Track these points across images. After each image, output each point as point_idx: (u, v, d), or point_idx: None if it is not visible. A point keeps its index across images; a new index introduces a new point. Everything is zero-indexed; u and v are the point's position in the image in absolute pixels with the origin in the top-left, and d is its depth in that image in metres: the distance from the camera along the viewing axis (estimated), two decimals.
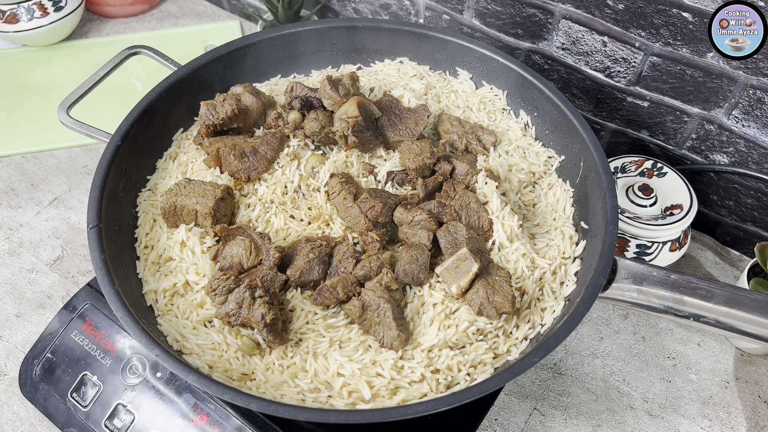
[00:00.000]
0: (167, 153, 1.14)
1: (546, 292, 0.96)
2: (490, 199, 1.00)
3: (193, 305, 0.94)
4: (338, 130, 1.04)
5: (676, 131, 1.25)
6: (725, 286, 0.88)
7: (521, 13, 1.28)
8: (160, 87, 1.12)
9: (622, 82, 1.25)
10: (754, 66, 1.06)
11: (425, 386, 0.85)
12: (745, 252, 1.33)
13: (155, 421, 0.98)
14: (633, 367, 1.15)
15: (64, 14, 1.64)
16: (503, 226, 0.98)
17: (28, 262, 1.29)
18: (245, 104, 1.10)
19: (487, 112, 1.20)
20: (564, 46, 1.28)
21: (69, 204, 1.39)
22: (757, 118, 1.12)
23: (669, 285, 0.88)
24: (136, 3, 1.80)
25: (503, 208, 0.99)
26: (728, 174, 1.23)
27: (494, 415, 1.08)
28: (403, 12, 1.50)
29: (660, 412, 1.09)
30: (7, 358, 1.15)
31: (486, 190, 1.01)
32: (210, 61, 1.18)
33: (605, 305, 1.23)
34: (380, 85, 1.21)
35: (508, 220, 0.98)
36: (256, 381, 0.87)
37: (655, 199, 1.20)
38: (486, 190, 1.01)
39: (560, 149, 1.13)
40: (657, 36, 1.14)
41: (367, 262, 0.93)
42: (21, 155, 1.48)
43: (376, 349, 0.88)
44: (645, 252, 1.20)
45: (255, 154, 1.05)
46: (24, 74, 1.65)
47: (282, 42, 1.24)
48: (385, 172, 1.05)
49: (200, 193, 0.98)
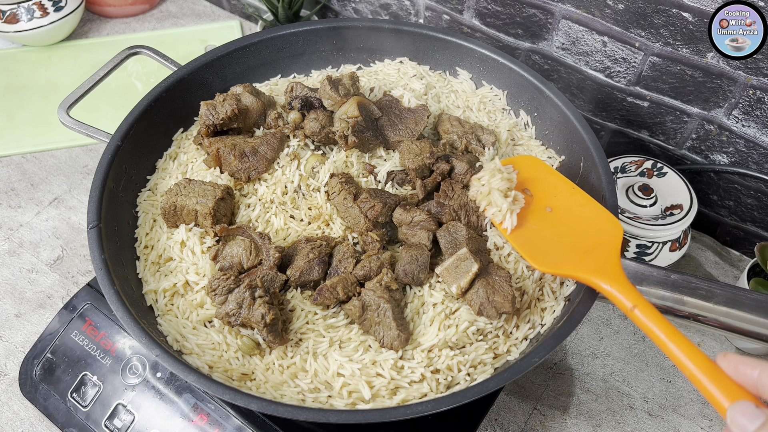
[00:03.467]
0: (167, 153, 1.14)
1: (546, 292, 0.96)
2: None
3: (193, 305, 0.94)
4: (338, 130, 1.04)
5: (676, 131, 1.25)
6: (725, 286, 0.88)
7: (521, 13, 1.28)
8: (160, 87, 1.12)
9: (622, 82, 1.25)
10: (754, 66, 1.06)
11: (425, 386, 0.85)
12: (745, 252, 1.33)
13: (155, 421, 0.98)
14: (633, 367, 1.15)
15: (64, 14, 1.64)
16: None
17: (28, 262, 1.29)
18: (245, 104, 1.10)
19: (487, 112, 1.20)
20: (564, 46, 1.28)
21: (69, 204, 1.39)
22: (757, 118, 1.12)
23: (669, 285, 0.88)
24: (136, 3, 1.80)
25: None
26: (728, 174, 1.23)
27: (494, 415, 1.08)
28: (403, 12, 1.50)
29: (660, 412, 1.09)
30: (7, 358, 1.15)
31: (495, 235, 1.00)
32: (210, 61, 1.18)
33: (605, 305, 1.23)
34: (380, 85, 1.21)
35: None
36: (256, 381, 0.87)
37: (655, 199, 1.20)
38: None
39: (560, 149, 1.13)
40: (657, 36, 1.14)
41: (367, 262, 0.93)
42: (21, 155, 1.48)
43: (376, 349, 0.88)
44: (645, 252, 1.20)
45: (255, 154, 1.05)
46: (24, 74, 1.65)
47: (282, 42, 1.24)
48: (385, 172, 1.05)
49: (200, 193, 0.98)
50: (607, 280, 0.81)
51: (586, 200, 0.97)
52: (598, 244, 0.88)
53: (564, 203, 0.97)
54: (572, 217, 0.95)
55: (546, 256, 0.91)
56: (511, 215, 0.95)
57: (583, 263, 0.86)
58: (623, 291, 0.79)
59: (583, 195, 0.97)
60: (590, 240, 0.90)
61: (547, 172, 1.03)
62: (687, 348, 0.68)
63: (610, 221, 0.92)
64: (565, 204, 0.97)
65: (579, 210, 0.96)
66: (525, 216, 0.96)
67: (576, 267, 0.86)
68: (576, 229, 0.93)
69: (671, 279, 0.88)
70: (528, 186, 1.00)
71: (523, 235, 0.94)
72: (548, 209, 0.97)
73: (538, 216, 0.96)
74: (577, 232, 0.93)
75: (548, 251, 0.91)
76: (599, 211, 0.94)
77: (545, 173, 1.03)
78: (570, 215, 0.96)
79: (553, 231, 0.94)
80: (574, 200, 0.97)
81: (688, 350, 0.68)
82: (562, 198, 0.98)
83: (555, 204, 0.97)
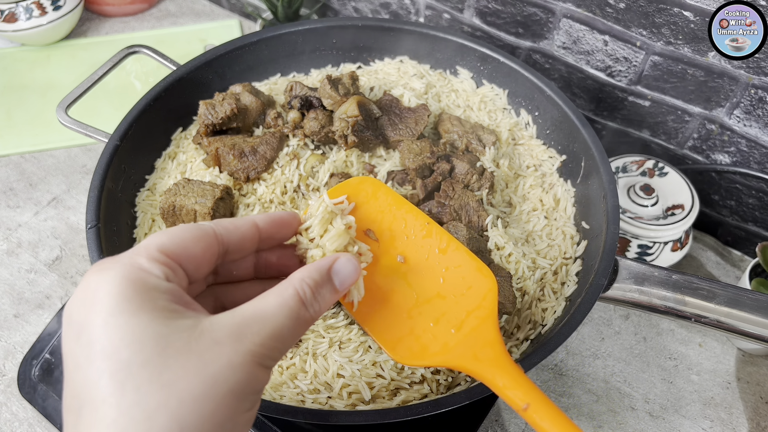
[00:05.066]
0: (166, 153, 1.14)
1: (547, 293, 0.95)
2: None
3: None
4: (338, 130, 1.03)
5: (678, 131, 1.25)
6: (727, 286, 0.88)
7: (522, 12, 1.28)
8: (159, 86, 1.11)
9: (624, 82, 1.24)
10: (755, 65, 1.06)
11: (426, 387, 0.85)
12: (746, 252, 1.33)
13: None
14: (634, 368, 1.15)
15: (63, 13, 1.63)
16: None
17: (26, 263, 1.28)
18: (244, 103, 1.10)
19: (488, 111, 1.20)
20: (565, 45, 1.27)
21: (68, 204, 1.38)
22: (758, 118, 1.12)
23: (670, 285, 0.88)
24: (135, 2, 1.80)
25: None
26: (730, 174, 1.23)
27: (494, 416, 1.07)
28: (404, 11, 1.49)
29: (661, 412, 1.09)
30: (5, 358, 1.15)
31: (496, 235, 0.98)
32: (209, 60, 1.17)
33: (606, 306, 1.23)
34: (380, 85, 1.21)
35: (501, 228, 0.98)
36: None
37: (656, 199, 1.20)
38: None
39: (561, 149, 1.13)
40: (658, 35, 1.13)
41: None
42: (19, 155, 1.47)
43: (376, 349, 0.88)
44: (646, 252, 1.20)
45: (254, 153, 1.04)
46: (22, 74, 1.64)
47: (281, 41, 1.23)
48: (385, 171, 1.05)
49: (199, 193, 0.98)
50: (490, 367, 0.62)
51: (444, 240, 0.72)
52: (470, 311, 0.67)
53: (419, 248, 0.71)
54: (432, 269, 0.70)
55: (408, 339, 0.66)
56: (357, 282, 0.64)
57: (456, 343, 0.65)
58: (511, 382, 0.60)
59: (440, 232, 0.72)
60: (459, 304, 0.67)
61: (392, 201, 0.74)
62: None
63: (478, 272, 0.69)
64: (420, 249, 0.71)
65: (438, 258, 0.71)
66: (372, 275, 0.68)
67: (447, 350, 0.65)
68: (438, 287, 0.69)
69: (673, 279, 0.88)
70: (370, 226, 0.72)
71: (374, 309, 0.67)
72: (400, 258, 0.70)
73: (388, 273, 0.69)
74: (440, 293, 0.68)
75: (410, 330, 0.66)
76: (463, 259, 0.70)
77: (389, 202, 0.74)
78: (429, 267, 0.70)
79: (412, 295, 0.68)
80: (431, 243, 0.72)
81: None
82: (415, 240, 0.72)
83: (407, 250, 0.71)
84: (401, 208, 0.74)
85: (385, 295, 0.68)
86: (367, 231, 0.72)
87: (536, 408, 0.57)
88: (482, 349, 0.64)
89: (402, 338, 0.66)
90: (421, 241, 0.72)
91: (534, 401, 0.58)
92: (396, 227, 0.73)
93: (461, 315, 0.67)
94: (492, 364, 0.63)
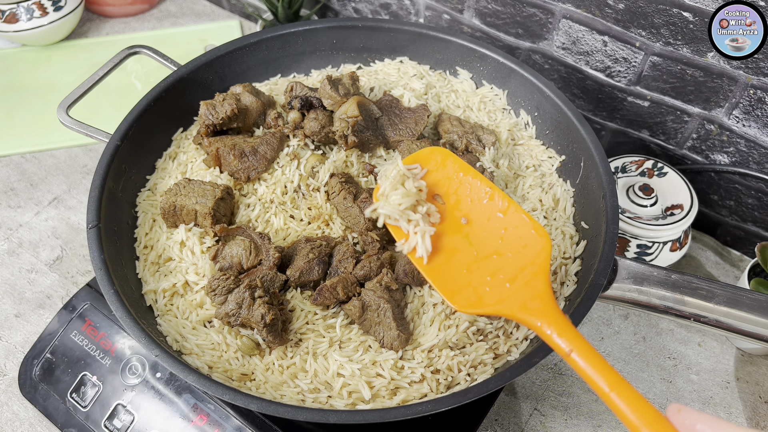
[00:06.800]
0: (167, 153, 1.14)
1: None
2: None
3: (192, 305, 0.93)
4: (338, 130, 1.03)
5: (677, 131, 1.25)
6: (726, 286, 0.88)
7: (521, 12, 1.28)
8: (160, 87, 1.12)
9: (623, 82, 1.25)
10: (754, 66, 1.06)
11: (425, 386, 0.85)
12: (745, 252, 1.33)
13: (155, 421, 0.98)
14: (634, 368, 1.15)
15: (64, 14, 1.63)
16: None
17: (27, 262, 1.28)
18: (245, 104, 1.10)
19: (488, 111, 1.20)
20: (564, 46, 1.28)
21: (68, 204, 1.38)
22: (757, 118, 1.12)
23: (670, 285, 0.88)
24: (136, 3, 1.80)
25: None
26: (729, 174, 1.23)
27: (494, 416, 1.08)
28: (403, 11, 1.49)
29: (661, 412, 1.09)
30: (6, 358, 1.15)
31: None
32: (209, 60, 1.18)
33: (606, 305, 1.23)
34: (380, 85, 1.21)
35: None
36: (256, 381, 0.87)
37: (655, 199, 1.20)
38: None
39: (561, 149, 1.13)
40: (657, 35, 1.14)
41: (367, 262, 0.93)
42: (20, 155, 1.47)
43: (376, 349, 0.88)
44: (645, 252, 1.20)
45: (255, 153, 1.05)
46: (23, 74, 1.64)
47: (282, 41, 1.24)
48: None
49: (200, 193, 0.98)
50: (537, 317, 0.68)
51: (505, 203, 0.79)
52: (523, 267, 0.73)
53: (481, 210, 0.79)
54: (491, 229, 0.78)
55: (466, 290, 0.74)
56: (424, 239, 0.76)
57: (509, 295, 0.72)
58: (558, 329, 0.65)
59: (502, 196, 0.80)
60: (514, 261, 0.74)
61: (459, 168, 0.83)
62: (633, 400, 0.58)
63: (534, 232, 0.76)
64: (482, 212, 0.79)
65: (498, 220, 0.78)
66: (438, 234, 0.78)
67: (500, 301, 0.72)
68: (497, 246, 0.76)
69: (672, 279, 0.88)
70: (438, 190, 0.81)
71: (439, 263, 0.76)
72: (463, 220, 0.79)
73: (452, 232, 0.78)
74: (498, 251, 0.76)
75: (468, 282, 0.75)
76: (521, 220, 0.77)
77: (455, 169, 0.83)
78: (489, 227, 0.78)
79: (472, 252, 0.76)
80: (492, 205, 0.79)
81: (635, 403, 0.58)
82: (478, 203, 0.80)
83: (470, 212, 0.79)
84: (467, 174, 0.82)
85: (449, 252, 0.76)
86: (435, 195, 0.81)
87: (579, 353, 0.63)
88: (532, 301, 0.69)
89: (461, 289, 0.74)
90: (484, 204, 0.79)
91: (577, 348, 0.63)
92: (461, 191, 0.81)
93: (515, 271, 0.73)
94: (540, 314, 0.68)
